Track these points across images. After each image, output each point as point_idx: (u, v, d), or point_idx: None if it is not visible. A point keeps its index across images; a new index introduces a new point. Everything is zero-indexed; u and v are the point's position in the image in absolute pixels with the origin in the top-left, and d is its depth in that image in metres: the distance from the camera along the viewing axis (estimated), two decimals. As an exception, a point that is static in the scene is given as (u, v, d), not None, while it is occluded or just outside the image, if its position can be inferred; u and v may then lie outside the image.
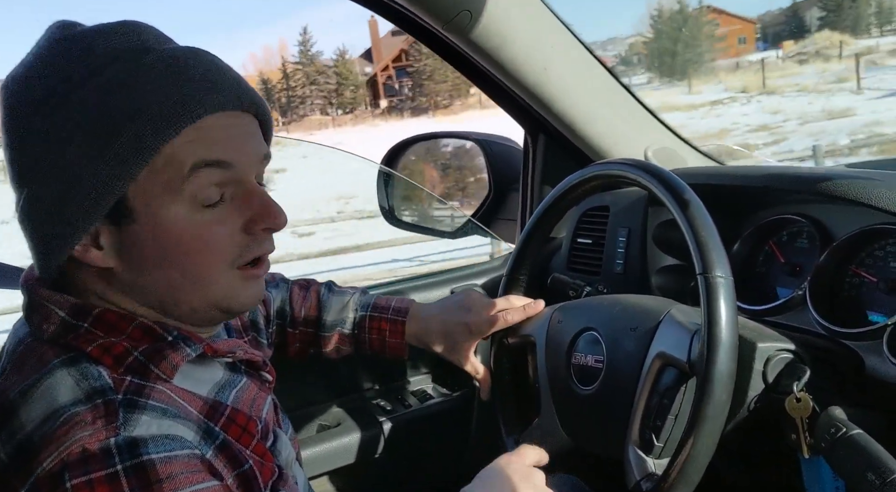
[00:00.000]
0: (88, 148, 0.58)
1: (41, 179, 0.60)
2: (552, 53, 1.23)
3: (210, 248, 0.63)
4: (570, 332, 0.98)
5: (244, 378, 0.74)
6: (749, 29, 63.30)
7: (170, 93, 0.59)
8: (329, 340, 1.07)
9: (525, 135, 1.48)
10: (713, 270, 0.76)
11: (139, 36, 0.62)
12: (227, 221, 0.64)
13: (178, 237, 0.62)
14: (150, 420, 0.57)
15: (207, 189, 0.62)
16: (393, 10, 1.16)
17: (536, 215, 1.07)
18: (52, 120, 0.59)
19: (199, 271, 0.64)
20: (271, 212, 0.66)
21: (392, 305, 1.07)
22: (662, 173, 0.86)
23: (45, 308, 0.63)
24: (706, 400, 0.74)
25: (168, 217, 0.61)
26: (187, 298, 0.65)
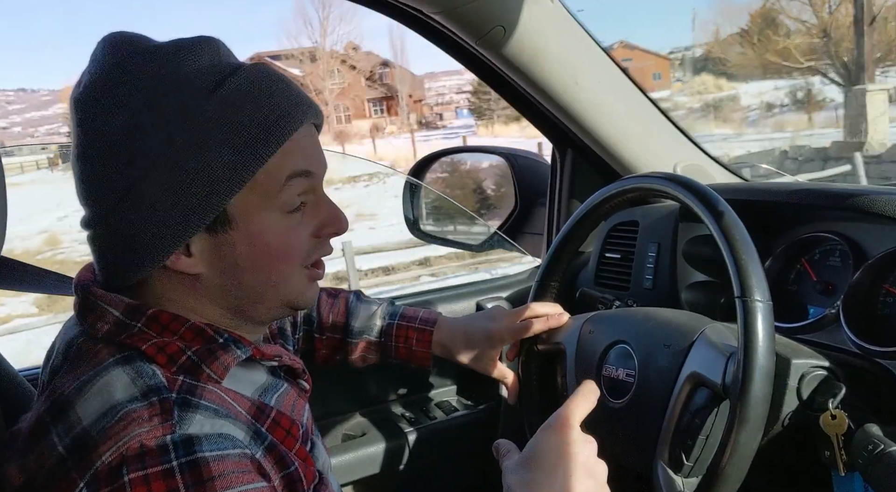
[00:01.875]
0: (204, 160, 0.61)
1: (148, 191, 0.61)
2: (583, 69, 1.24)
3: (292, 251, 0.68)
4: (601, 343, 0.97)
5: (285, 384, 0.75)
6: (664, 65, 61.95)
7: (274, 106, 0.64)
8: (356, 347, 1.08)
9: (553, 149, 1.49)
10: (752, 293, 0.76)
11: (224, 52, 0.66)
12: (304, 227, 0.70)
13: (269, 243, 0.66)
14: (204, 419, 0.58)
15: (294, 197, 0.67)
16: (426, 24, 1.18)
17: (570, 225, 1.07)
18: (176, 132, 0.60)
19: (280, 273, 0.68)
20: (339, 218, 0.72)
21: (420, 316, 1.09)
22: (702, 190, 0.85)
23: (99, 308, 0.65)
24: (740, 426, 0.74)
25: (262, 224, 0.65)
26: (266, 299, 0.69)
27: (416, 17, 1.16)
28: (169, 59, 0.62)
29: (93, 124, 0.62)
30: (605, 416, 0.95)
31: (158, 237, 0.62)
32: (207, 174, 0.61)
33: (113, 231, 0.63)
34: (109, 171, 0.61)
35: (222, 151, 0.61)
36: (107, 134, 0.61)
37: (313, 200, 0.70)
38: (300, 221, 0.69)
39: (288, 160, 0.65)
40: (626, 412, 0.92)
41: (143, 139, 0.61)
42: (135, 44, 0.64)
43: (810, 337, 0.99)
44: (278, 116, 0.64)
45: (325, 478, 0.72)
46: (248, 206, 0.64)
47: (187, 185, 0.61)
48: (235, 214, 0.64)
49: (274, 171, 0.65)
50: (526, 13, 1.10)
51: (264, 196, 0.65)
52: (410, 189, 1.85)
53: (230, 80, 0.63)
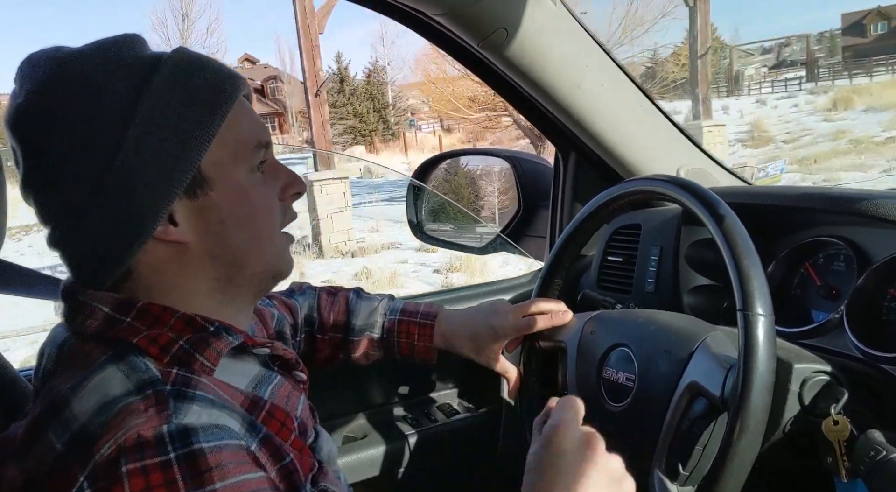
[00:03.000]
0: (168, 129, 0.63)
1: (120, 172, 0.62)
2: (586, 72, 1.23)
3: (269, 208, 0.72)
4: (602, 345, 0.97)
5: (278, 376, 0.75)
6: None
7: (216, 75, 0.68)
8: (358, 345, 1.08)
9: (556, 152, 1.49)
10: (754, 307, 0.74)
11: (144, 42, 0.69)
12: (270, 188, 0.73)
13: (250, 198, 0.70)
14: (200, 410, 0.58)
15: (259, 161, 0.71)
16: (429, 26, 1.18)
17: (573, 226, 1.06)
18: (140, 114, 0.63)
19: (262, 231, 0.71)
20: (298, 179, 0.76)
21: (420, 310, 1.09)
22: (704, 193, 0.85)
23: (88, 306, 0.65)
24: (738, 439, 0.73)
25: (240, 180, 0.69)
26: (252, 261, 0.71)
27: (418, 20, 1.16)
28: (103, 52, 0.65)
29: (39, 137, 0.63)
30: (605, 419, 0.94)
31: (142, 210, 0.63)
32: (174, 136, 0.63)
33: (101, 220, 0.63)
34: (83, 165, 0.62)
35: (184, 112, 0.64)
36: (68, 135, 0.62)
37: (270, 164, 0.74)
38: (265, 181, 0.72)
39: (249, 125, 0.70)
40: (624, 417, 0.91)
41: (117, 123, 0.62)
42: (62, 50, 0.65)
43: (813, 342, 0.98)
44: (226, 76, 0.68)
45: (324, 467, 0.72)
46: (221, 165, 0.67)
47: (155, 151, 0.63)
48: (210, 173, 0.67)
49: (241, 134, 0.69)
50: (529, 15, 1.10)
51: (235, 156, 0.68)
52: (414, 192, 1.85)
53: (169, 58, 0.66)
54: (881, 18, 51.93)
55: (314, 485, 0.68)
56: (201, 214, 0.67)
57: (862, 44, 50.57)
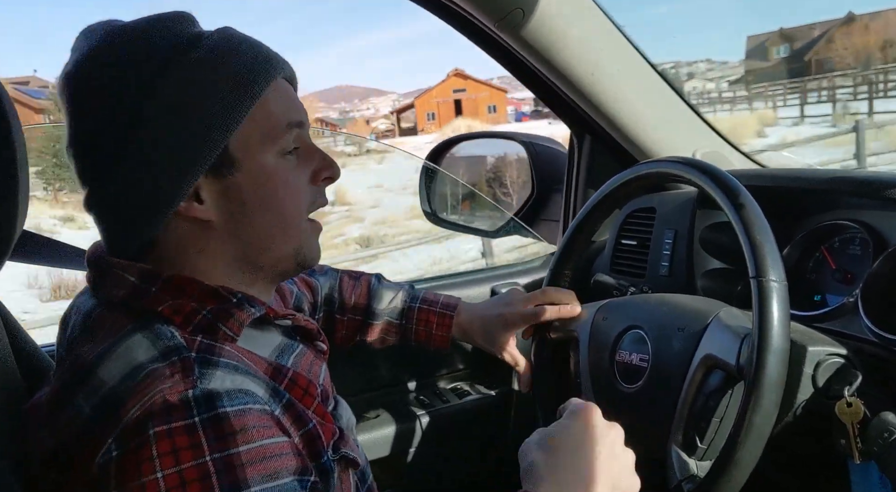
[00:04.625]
0: (194, 105, 0.64)
1: (150, 141, 0.64)
2: (603, 53, 1.23)
3: (297, 193, 0.72)
4: (615, 329, 0.97)
5: (300, 345, 0.77)
6: (499, 97, 59.17)
7: (254, 55, 0.68)
8: (376, 329, 1.09)
9: (571, 135, 1.48)
10: (767, 273, 0.75)
11: (194, 20, 0.70)
12: (301, 171, 0.73)
13: (275, 183, 0.69)
14: (224, 375, 0.59)
15: (290, 143, 0.71)
16: (445, 7, 1.17)
17: (585, 210, 1.07)
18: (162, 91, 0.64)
19: (288, 216, 0.71)
20: (331, 163, 0.75)
21: (441, 300, 1.11)
22: (717, 172, 0.85)
23: (114, 275, 0.66)
24: (754, 406, 0.73)
25: (265, 165, 0.69)
26: (275, 244, 0.71)
27: (436, 1, 1.16)
28: (148, 26, 0.66)
29: (84, 97, 0.65)
30: (619, 401, 0.95)
31: (167, 183, 0.64)
32: (200, 114, 0.64)
33: (123, 189, 0.65)
34: (108, 134, 0.64)
35: (213, 92, 0.65)
36: (99, 103, 0.64)
37: (305, 148, 0.73)
38: (296, 164, 0.72)
39: (285, 106, 0.70)
40: (639, 397, 0.92)
41: (136, 96, 0.63)
42: (114, 23, 0.68)
43: (828, 325, 0.98)
44: (264, 58, 0.68)
45: (345, 434, 0.73)
46: (249, 146, 0.67)
47: (183, 126, 0.64)
48: (238, 155, 0.67)
49: (273, 113, 0.69)
50: (546, -4, 1.09)
51: (264, 138, 0.68)
52: (427, 175, 1.85)
53: (211, 35, 0.68)
54: (783, 41, 50.76)
55: (335, 451, 0.69)
56: (226, 194, 0.68)
57: (764, 67, 49.46)
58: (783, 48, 50.34)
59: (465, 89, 56.74)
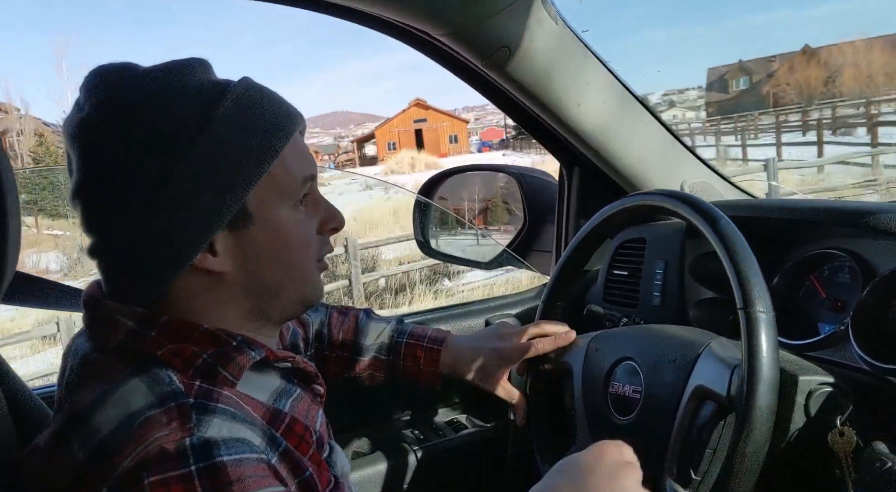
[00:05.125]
0: (222, 162, 0.64)
1: (170, 195, 0.63)
2: (588, 88, 1.25)
3: (307, 244, 0.73)
4: (607, 361, 0.98)
5: (298, 389, 0.76)
6: (461, 127, 59.11)
7: (276, 111, 0.69)
8: (363, 365, 1.09)
9: (561, 167, 1.50)
10: (754, 304, 0.77)
11: (210, 67, 0.70)
12: (310, 223, 0.74)
13: (287, 236, 0.71)
14: (221, 423, 0.59)
15: (303, 196, 0.72)
16: (433, 46, 1.19)
17: (574, 243, 1.08)
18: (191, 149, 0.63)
19: (299, 266, 0.72)
20: (338, 215, 0.77)
21: (428, 335, 1.10)
22: (700, 204, 0.86)
23: (112, 320, 0.66)
24: (746, 437, 0.74)
25: (281, 219, 0.70)
26: (285, 293, 0.72)
27: (422, 39, 1.18)
28: (170, 75, 0.66)
29: (100, 149, 0.64)
30: (613, 433, 0.94)
31: (186, 237, 0.64)
32: (227, 172, 0.64)
33: (137, 242, 0.64)
34: (131, 187, 0.63)
35: (239, 149, 0.65)
36: (124, 156, 0.63)
37: (313, 198, 0.75)
38: (306, 215, 0.73)
39: (300, 161, 0.71)
40: (633, 429, 0.92)
41: (166, 153, 0.63)
42: (131, 68, 0.66)
43: (819, 354, 0.98)
44: (285, 114, 0.69)
45: (340, 482, 0.72)
46: (264, 201, 0.68)
47: (208, 182, 0.64)
48: (254, 209, 0.68)
49: (290, 169, 0.70)
50: (531, 34, 1.12)
51: (281, 193, 0.69)
52: (420, 208, 1.86)
53: (234, 87, 0.67)
54: (743, 73, 50.96)
55: None
56: (240, 247, 0.68)
57: (724, 99, 49.67)
58: (742, 81, 50.81)
59: (426, 119, 56.73)
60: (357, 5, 1.05)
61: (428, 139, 55.53)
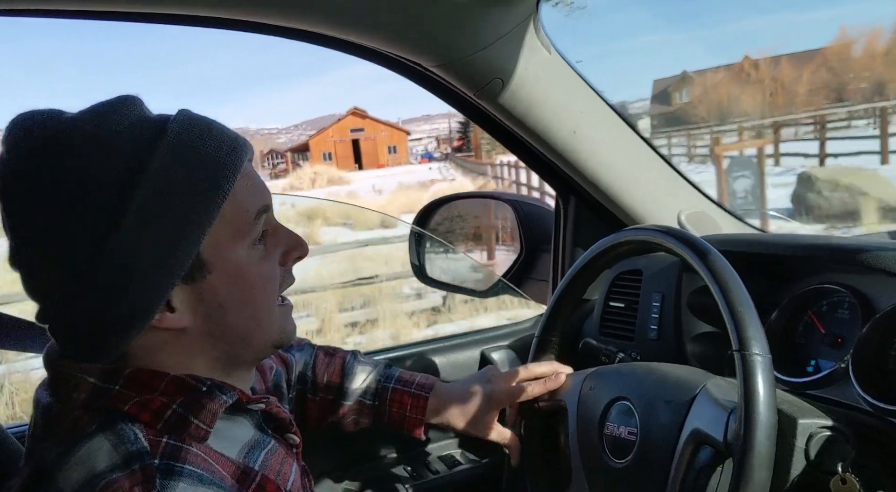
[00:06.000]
0: (168, 205, 0.59)
1: (116, 256, 0.58)
2: (582, 118, 1.23)
3: (269, 283, 0.69)
4: (602, 400, 0.95)
5: (272, 440, 0.73)
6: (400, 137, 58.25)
7: (219, 146, 0.63)
8: (348, 410, 1.06)
9: (556, 196, 1.48)
10: (750, 347, 0.75)
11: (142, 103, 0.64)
12: (271, 257, 0.70)
13: (248, 276, 0.67)
14: (187, 487, 0.56)
15: (259, 230, 0.68)
16: (425, 76, 1.18)
17: (568, 278, 1.06)
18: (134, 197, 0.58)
19: (263, 309, 0.69)
20: (300, 242, 0.73)
21: (416, 381, 1.07)
22: (696, 242, 0.85)
23: (73, 378, 0.63)
24: (744, 486, 0.71)
25: (237, 261, 0.66)
26: (253, 340, 0.69)
27: (415, 70, 1.17)
28: (101, 119, 0.60)
29: (31, 209, 0.58)
30: (610, 477, 0.92)
31: (138, 299, 0.60)
32: (175, 219, 0.60)
33: (85, 310, 0.60)
34: (74, 248, 0.58)
35: (184, 192, 0.60)
36: (53, 217, 0.58)
37: (272, 230, 0.71)
38: (265, 251, 0.69)
39: (251, 195, 0.66)
40: (629, 473, 0.89)
41: (96, 211, 0.58)
42: (55, 116, 0.60)
43: (819, 393, 0.96)
44: (230, 148, 0.64)
45: None
46: (219, 245, 0.64)
47: (155, 236, 0.59)
48: (209, 256, 0.63)
49: (241, 206, 0.65)
50: (523, 65, 1.10)
51: (235, 234, 0.65)
52: (416, 237, 1.85)
53: (170, 126, 0.62)
54: (686, 85, 50.82)
55: None
56: (200, 298, 0.64)
57: (668, 111, 49.50)
58: (685, 92, 50.72)
59: (364, 129, 56.22)
60: (349, 37, 1.04)
61: (365, 149, 54.94)
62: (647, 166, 1.33)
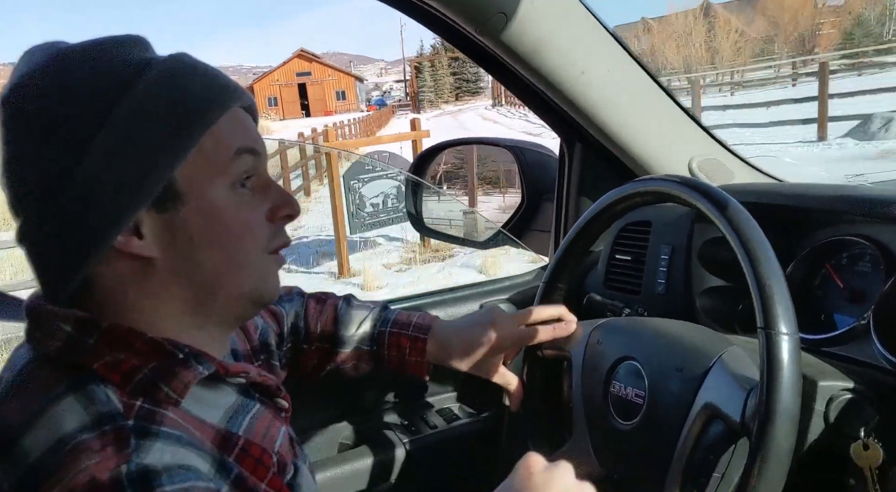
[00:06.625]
0: (143, 135, 0.60)
1: (88, 169, 0.58)
2: (590, 57, 1.15)
3: (250, 230, 0.66)
4: (610, 357, 0.91)
5: (257, 405, 0.70)
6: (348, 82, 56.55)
7: (208, 83, 0.64)
8: (346, 357, 1.02)
9: (561, 143, 1.41)
10: (777, 325, 0.68)
11: (147, 45, 0.65)
12: (257, 207, 0.67)
13: (224, 218, 0.64)
14: (164, 447, 0.53)
15: (242, 173, 0.65)
16: (425, 12, 1.10)
17: (576, 229, 1.00)
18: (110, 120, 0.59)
19: (240, 254, 0.65)
20: (290, 201, 0.70)
21: (413, 322, 1.03)
22: (729, 204, 0.76)
23: (49, 325, 0.60)
24: (761, 475, 0.66)
25: (214, 198, 0.63)
26: (227, 285, 0.65)
27: (414, 5, 1.08)
28: (96, 49, 0.62)
29: (23, 122, 0.60)
30: (614, 438, 0.88)
31: (104, 214, 0.59)
32: (148, 142, 0.59)
33: (57, 221, 0.59)
34: (48, 163, 0.59)
35: (163, 120, 0.60)
36: (40, 130, 0.59)
37: (260, 184, 0.68)
38: (250, 199, 0.66)
39: (235, 133, 0.65)
40: (634, 436, 0.85)
41: (76, 123, 0.59)
42: (59, 44, 0.63)
43: (838, 350, 0.91)
44: (219, 87, 0.65)
45: None
46: (196, 179, 0.62)
47: (128, 155, 0.59)
48: (185, 188, 0.62)
49: (222, 141, 0.64)
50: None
51: (213, 169, 0.63)
52: (412, 184, 1.78)
53: (163, 61, 0.63)
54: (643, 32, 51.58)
55: None
56: (169, 230, 0.62)
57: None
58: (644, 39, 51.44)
59: (311, 72, 54.57)
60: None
61: (312, 94, 53.40)
62: (657, 110, 1.25)
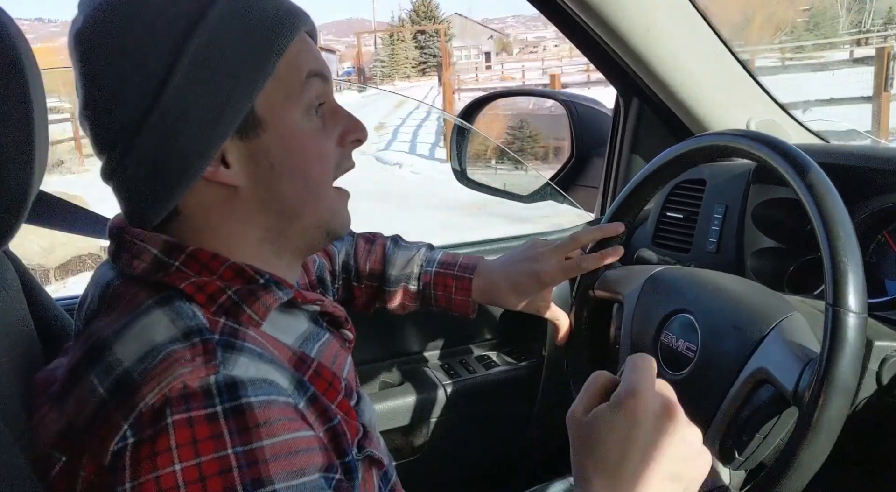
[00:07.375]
0: (223, 57, 0.60)
1: (172, 101, 0.59)
2: (659, 12, 1.14)
3: (324, 159, 0.67)
4: (664, 307, 0.91)
5: (327, 334, 0.72)
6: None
7: (277, 9, 0.63)
8: (394, 296, 1.04)
9: (617, 97, 1.40)
10: (847, 303, 0.66)
11: None
12: (328, 133, 0.68)
13: (302, 144, 0.65)
14: (248, 362, 0.55)
15: (314, 99, 0.66)
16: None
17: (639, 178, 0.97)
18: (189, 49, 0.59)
19: (317, 181, 0.66)
20: (359, 125, 0.71)
21: (459, 262, 1.04)
22: (808, 165, 0.74)
23: (136, 246, 0.62)
24: (807, 445, 0.66)
25: (293, 124, 0.64)
26: (306, 214, 0.67)
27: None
28: None
29: (102, 57, 0.59)
30: None
31: (196, 145, 0.60)
32: (229, 70, 0.60)
33: (147, 155, 0.60)
34: (131, 97, 0.59)
35: (240, 46, 0.60)
36: (120, 64, 0.59)
37: (330, 108, 0.69)
38: (322, 125, 0.68)
39: (304, 58, 0.65)
40: (680, 388, 0.85)
41: (155, 54, 0.58)
42: None
43: (890, 315, 0.91)
44: (287, 12, 0.64)
45: (369, 432, 0.69)
46: (274, 105, 0.63)
47: (210, 86, 0.59)
48: (264, 114, 0.62)
49: (294, 66, 0.64)
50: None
51: (288, 94, 0.64)
52: (458, 134, 1.78)
53: None
54: None
55: (360, 450, 0.65)
56: (252, 157, 0.63)
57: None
58: None
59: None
60: None
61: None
62: (720, 68, 1.23)
